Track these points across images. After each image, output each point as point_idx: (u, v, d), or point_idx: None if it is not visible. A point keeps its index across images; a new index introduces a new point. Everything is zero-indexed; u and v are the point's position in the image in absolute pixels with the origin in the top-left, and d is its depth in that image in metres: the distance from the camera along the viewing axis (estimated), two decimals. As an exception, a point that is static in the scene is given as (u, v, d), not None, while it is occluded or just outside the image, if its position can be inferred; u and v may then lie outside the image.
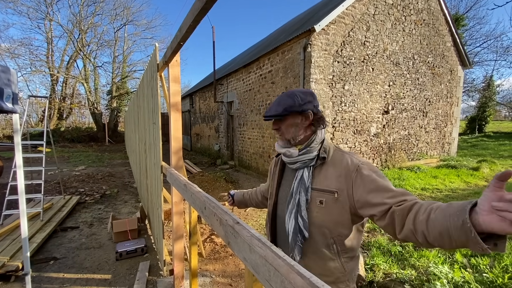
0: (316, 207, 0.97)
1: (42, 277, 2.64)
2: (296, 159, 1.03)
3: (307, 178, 1.00)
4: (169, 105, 2.16)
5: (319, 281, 0.55)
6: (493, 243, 0.56)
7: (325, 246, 0.98)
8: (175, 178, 1.77)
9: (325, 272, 0.99)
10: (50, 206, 4.45)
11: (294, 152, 1.04)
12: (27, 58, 18.72)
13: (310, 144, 1.03)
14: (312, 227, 0.97)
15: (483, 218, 0.55)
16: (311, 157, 1.01)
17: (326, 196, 0.96)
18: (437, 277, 2.28)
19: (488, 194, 0.55)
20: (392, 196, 0.83)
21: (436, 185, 5.82)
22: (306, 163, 1.02)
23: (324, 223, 0.96)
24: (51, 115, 19.16)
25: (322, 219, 0.96)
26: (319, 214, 0.96)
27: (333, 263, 0.98)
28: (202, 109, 12.57)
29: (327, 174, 0.98)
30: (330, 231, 0.96)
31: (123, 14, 21.51)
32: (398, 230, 0.78)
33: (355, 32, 6.04)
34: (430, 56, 7.84)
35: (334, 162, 0.99)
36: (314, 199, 0.98)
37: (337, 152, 1.03)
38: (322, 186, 0.97)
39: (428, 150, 8.38)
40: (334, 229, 0.96)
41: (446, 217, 0.62)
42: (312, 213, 0.97)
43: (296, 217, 0.98)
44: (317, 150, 1.02)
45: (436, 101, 8.29)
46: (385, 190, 0.86)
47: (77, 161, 10.69)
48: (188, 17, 1.26)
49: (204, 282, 2.56)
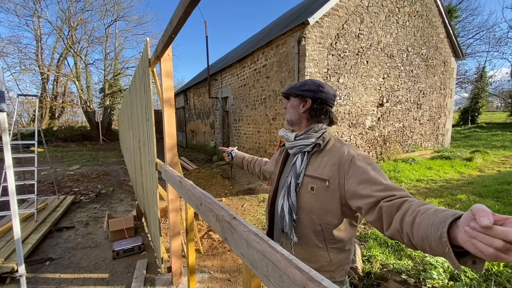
0: (307, 193, 0.99)
1: (38, 278, 2.61)
2: (293, 143, 1.08)
3: (300, 163, 1.03)
4: (162, 100, 2.12)
5: (318, 275, 0.53)
6: (472, 260, 0.53)
7: (312, 232, 1.00)
8: (170, 175, 1.74)
9: (310, 258, 1.01)
10: (44, 206, 4.38)
11: (291, 136, 1.10)
12: (16, 56, 18.25)
13: (308, 131, 1.06)
14: (301, 211, 1.00)
15: (460, 235, 0.51)
16: (307, 143, 1.03)
17: (318, 183, 0.97)
18: (433, 266, 2.31)
19: (470, 213, 0.50)
20: (381, 189, 0.81)
21: (431, 176, 5.89)
22: (301, 148, 1.05)
23: (313, 209, 0.98)
24: (42, 115, 18.80)
25: (312, 205, 0.98)
26: (309, 200, 0.99)
27: (319, 251, 1.00)
28: (196, 105, 12.47)
29: (322, 162, 1.00)
30: (318, 218, 0.98)
31: (113, 10, 21.05)
32: (385, 227, 0.76)
33: (349, 24, 6.01)
34: (423, 48, 7.86)
35: (332, 151, 1.00)
36: (306, 185, 1.00)
37: (337, 143, 1.04)
38: (315, 173, 0.99)
39: (423, 142, 8.46)
40: (322, 217, 0.97)
41: (429, 226, 0.60)
42: (302, 198, 1.00)
43: (287, 198, 1.02)
44: (315, 138, 1.04)
45: (430, 93, 8.35)
46: (375, 182, 0.83)
47: (71, 160, 10.55)
48: (179, 8, 1.22)
49: (203, 278, 2.56)
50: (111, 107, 20.75)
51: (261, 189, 5.75)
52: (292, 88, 1.13)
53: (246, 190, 5.75)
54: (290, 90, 1.14)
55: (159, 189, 2.52)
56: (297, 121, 1.13)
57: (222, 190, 5.81)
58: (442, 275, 2.19)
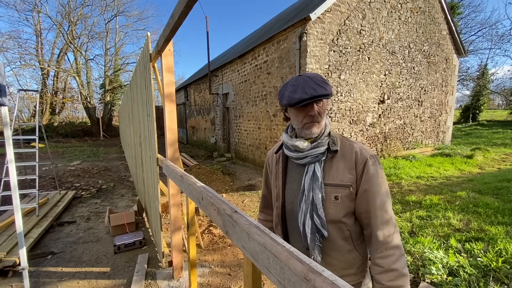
0: (332, 203, 0.92)
1: (40, 272, 2.63)
2: (306, 153, 0.94)
3: (320, 173, 0.93)
4: (163, 95, 2.12)
5: (319, 266, 0.54)
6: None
7: (342, 240, 0.95)
8: (171, 170, 1.75)
9: (347, 266, 0.97)
10: (45, 201, 4.41)
11: (306, 145, 0.94)
12: (16, 51, 18.27)
13: (321, 136, 0.95)
14: (328, 224, 0.93)
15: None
16: (322, 151, 0.94)
17: (341, 190, 0.91)
18: (432, 262, 2.33)
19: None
20: (380, 220, 0.90)
21: (431, 173, 5.90)
22: (318, 157, 0.94)
23: (339, 218, 0.93)
24: (43, 110, 18.80)
25: (337, 215, 0.92)
26: (335, 210, 0.92)
27: (352, 254, 0.97)
28: (197, 101, 12.44)
29: (338, 167, 0.93)
30: (346, 224, 0.94)
31: (113, 5, 20.90)
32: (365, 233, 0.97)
33: (351, 20, 5.96)
34: (425, 44, 7.81)
35: (344, 153, 0.95)
36: (329, 195, 0.92)
37: (345, 142, 0.98)
38: (335, 181, 0.92)
39: (423, 139, 8.45)
40: (349, 221, 0.94)
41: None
42: (327, 210, 0.92)
43: (312, 216, 0.92)
44: (327, 143, 0.95)
45: (431, 90, 8.31)
46: (380, 208, 0.90)
47: (72, 156, 10.57)
48: (180, 2, 1.22)
49: (203, 273, 2.58)
50: (111, 103, 20.72)
51: (261, 185, 5.76)
52: (327, 84, 0.91)
53: (247, 186, 5.77)
54: (328, 88, 0.90)
55: (160, 184, 2.54)
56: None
57: (223, 186, 5.83)
58: (441, 270, 2.21)
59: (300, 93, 0.88)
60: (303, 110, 0.93)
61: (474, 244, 2.68)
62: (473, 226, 3.21)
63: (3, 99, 1.62)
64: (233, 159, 8.99)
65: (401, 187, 5.02)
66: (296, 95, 0.89)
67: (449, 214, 3.61)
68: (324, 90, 0.88)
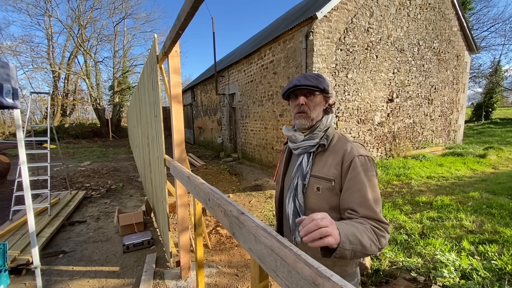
0: (313, 193, 0.99)
1: (52, 270, 2.69)
2: (299, 144, 1.05)
3: (306, 164, 1.02)
4: (170, 97, 2.13)
5: (327, 271, 0.53)
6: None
7: None
8: (179, 170, 1.75)
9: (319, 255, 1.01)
10: (57, 201, 4.51)
11: (299, 137, 1.05)
12: (28, 55, 18.68)
13: (314, 130, 1.04)
14: (308, 211, 1.00)
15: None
16: (313, 144, 1.02)
17: (323, 183, 0.97)
18: (444, 264, 2.27)
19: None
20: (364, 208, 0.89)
21: (442, 173, 5.77)
22: (307, 149, 1.03)
23: (319, 209, 0.98)
24: (54, 112, 19.25)
25: (318, 205, 0.98)
26: (315, 200, 0.99)
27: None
28: (204, 102, 12.52)
29: (327, 161, 0.99)
30: None
31: (121, 8, 21.21)
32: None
33: (358, 18, 5.89)
34: (435, 41, 7.64)
35: (335, 150, 1.00)
36: (312, 185, 1.00)
37: (341, 140, 1.03)
38: (320, 174, 0.99)
39: (434, 138, 8.27)
40: (332, 215, 0.97)
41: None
42: (309, 198, 1.00)
43: (294, 200, 1.02)
44: (319, 138, 1.02)
45: (441, 88, 8.13)
46: (361, 205, 0.89)
47: (82, 156, 10.78)
48: (186, 3, 1.22)
49: (211, 273, 2.59)
50: (120, 104, 21.06)
51: (268, 185, 5.75)
52: (323, 83, 1.00)
53: (253, 186, 5.77)
54: (323, 86, 1.00)
55: (167, 184, 2.56)
56: (318, 118, 1.06)
57: (230, 186, 5.84)
58: (453, 273, 2.15)
59: (289, 85, 1.03)
60: (294, 101, 1.06)
61: (488, 247, 2.60)
62: (486, 228, 3.12)
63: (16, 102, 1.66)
64: (240, 159, 9.01)
65: (410, 188, 4.93)
66: (286, 87, 1.04)
67: (461, 215, 3.52)
68: (309, 82, 0.99)
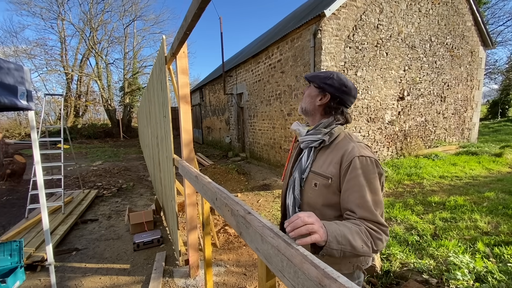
0: (311, 188, 1.01)
1: (66, 267, 2.77)
2: (303, 138, 1.08)
3: (306, 159, 1.05)
4: (178, 97, 2.16)
5: (334, 272, 0.52)
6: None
7: None
8: (187, 170, 1.77)
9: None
10: (70, 200, 4.63)
11: (303, 130, 1.09)
12: (42, 58, 19.28)
13: (317, 126, 1.05)
14: (304, 205, 1.03)
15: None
16: (315, 139, 1.03)
17: (321, 180, 0.98)
18: (458, 267, 2.21)
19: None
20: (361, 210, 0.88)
21: (455, 173, 5.61)
22: (309, 143, 1.06)
23: (315, 204, 1.00)
24: (67, 113, 19.78)
25: (314, 200, 1.00)
26: (312, 195, 1.01)
27: None
28: (212, 102, 12.59)
29: (327, 159, 1.00)
30: (320, 213, 0.99)
31: (131, 10, 21.60)
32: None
33: (368, 15, 5.79)
34: (448, 37, 7.43)
35: (338, 148, 1.00)
36: (310, 180, 1.02)
37: (345, 139, 1.02)
38: (319, 170, 1.00)
39: (447, 137, 8.06)
40: (324, 211, 0.99)
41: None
42: (306, 193, 1.02)
43: (293, 192, 1.06)
44: (323, 134, 1.02)
45: (455, 85, 7.90)
46: (359, 206, 0.88)
47: (94, 156, 11.04)
48: (193, 4, 1.23)
49: (219, 272, 2.61)
50: (130, 105, 21.44)
51: (276, 185, 5.74)
52: (315, 76, 1.07)
53: (261, 186, 5.77)
54: (313, 77, 1.07)
55: (176, 184, 2.59)
56: (311, 112, 1.10)
57: (238, 185, 5.86)
58: (467, 276, 2.09)
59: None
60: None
61: (504, 249, 2.52)
62: (502, 229, 3.02)
63: (30, 104, 1.72)
64: (248, 158, 9.02)
65: (422, 187, 4.81)
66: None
67: (475, 216, 3.41)
68: (309, 75, 1.10)
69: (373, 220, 0.86)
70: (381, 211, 0.89)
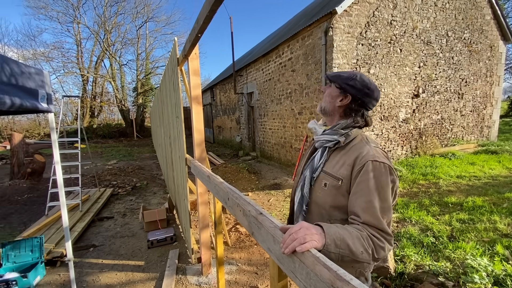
0: (320, 188, 1.00)
1: (84, 263, 2.87)
2: (318, 137, 1.07)
3: (318, 159, 1.05)
4: (191, 98, 2.19)
5: (346, 274, 0.52)
6: None
7: None
8: (199, 170, 1.80)
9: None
10: (87, 198, 4.79)
11: (319, 130, 1.09)
12: (59, 60, 20.00)
13: (335, 126, 1.04)
14: (313, 205, 1.03)
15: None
16: (330, 139, 1.02)
17: (331, 180, 0.97)
18: (475, 269, 2.14)
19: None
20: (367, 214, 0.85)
21: (474, 172, 5.42)
22: (323, 143, 1.05)
23: (324, 204, 0.99)
24: (84, 114, 20.44)
25: (323, 200, 0.99)
26: (320, 195, 1.00)
27: None
28: (222, 101, 12.68)
29: (340, 160, 0.99)
30: (328, 213, 0.99)
31: (143, 12, 22.03)
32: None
33: (381, 11, 5.66)
34: (466, 31, 7.16)
35: (352, 150, 0.98)
36: (320, 180, 1.01)
37: (361, 142, 1.00)
38: (330, 171, 0.99)
39: (464, 135, 7.78)
40: (331, 212, 0.98)
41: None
42: (315, 192, 1.02)
43: (301, 189, 1.05)
44: (339, 135, 1.01)
45: (473, 81, 7.61)
46: (365, 211, 0.86)
47: (109, 155, 11.36)
48: (205, 7, 1.25)
49: (231, 270, 2.64)
50: (143, 105, 21.90)
51: (287, 184, 5.72)
52: (337, 76, 1.05)
53: (272, 185, 5.77)
54: (335, 77, 1.06)
55: (188, 183, 2.63)
56: (330, 112, 1.08)
57: (248, 184, 5.88)
58: (485, 279, 2.02)
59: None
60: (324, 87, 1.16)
61: (526, 252, 2.42)
62: (524, 232, 2.90)
63: (50, 107, 1.79)
64: (258, 157, 9.03)
65: (438, 187, 4.68)
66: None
67: (495, 217, 3.29)
68: (330, 75, 1.08)
69: (377, 227, 0.83)
70: (388, 219, 0.87)
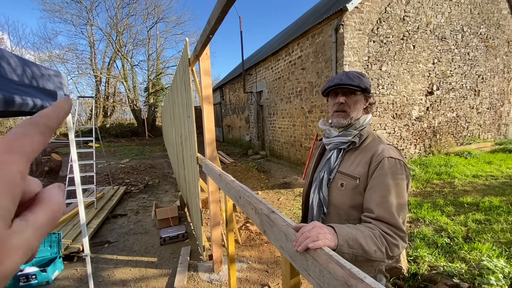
0: (337, 188, 1.00)
1: (99, 258, 2.97)
2: (332, 139, 1.07)
3: (334, 160, 1.04)
4: (202, 98, 2.22)
5: (360, 272, 0.53)
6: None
7: None
8: (210, 168, 1.83)
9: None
10: (101, 195, 4.93)
11: (334, 132, 1.08)
12: (74, 62, 20.64)
13: (349, 127, 1.04)
14: (330, 206, 1.02)
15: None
16: (344, 141, 1.03)
17: (348, 180, 0.98)
18: (491, 271, 2.09)
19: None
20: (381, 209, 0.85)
21: (491, 172, 5.24)
22: (338, 145, 1.05)
23: (341, 205, 0.99)
24: (97, 113, 20.98)
25: (340, 200, 0.99)
26: (338, 195, 1.00)
27: None
28: (232, 100, 12.73)
29: (355, 159, 0.99)
30: (346, 214, 0.99)
31: (154, 13, 22.37)
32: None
33: (393, 7, 5.54)
34: (482, 26, 6.91)
35: (367, 149, 0.99)
36: (336, 180, 1.01)
37: (375, 140, 1.01)
38: (347, 171, 1.00)
39: (481, 133, 7.53)
40: (349, 212, 0.98)
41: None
42: (332, 193, 1.02)
43: (318, 192, 1.05)
44: (353, 136, 1.02)
45: (490, 78, 7.35)
46: (379, 205, 0.86)
47: (122, 154, 11.62)
48: (216, 8, 1.26)
49: (241, 268, 2.66)
50: (154, 105, 22.28)
51: (297, 183, 5.71)
52: (366, 83, 1.01)
53: (282, 184, 5.76)
54: (365, 85, 1.01)
55: (200, 181, 2.67)
56: (357, 117, 1.05)
57: (258, 183, 5.90)
58: (502, 281, 1.97)
59: (330, 83, 1.04)
60: (333, 99, 1.07)
61: (546, 254, 2.33)
62: (545, 233, 2.79)
63: (68, 107, 1.86)
64: (268, 156, 9.03)
65: (453, 187, 4.55)
66: (327, 85, 1.06)
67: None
68: (351, 81, 0.99)
69: (390, 223, 0.83)
70: (403, 216, 0.87)
